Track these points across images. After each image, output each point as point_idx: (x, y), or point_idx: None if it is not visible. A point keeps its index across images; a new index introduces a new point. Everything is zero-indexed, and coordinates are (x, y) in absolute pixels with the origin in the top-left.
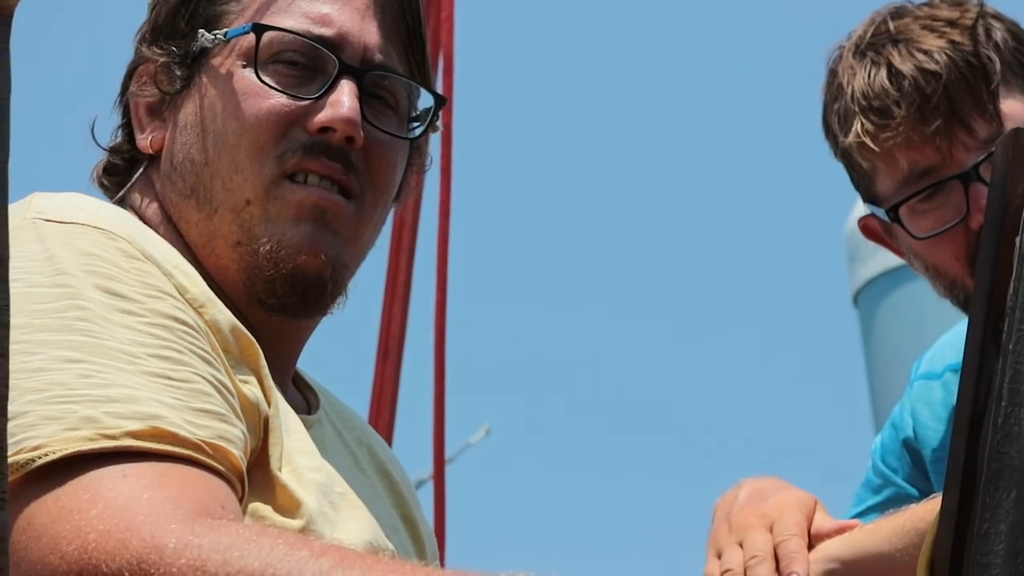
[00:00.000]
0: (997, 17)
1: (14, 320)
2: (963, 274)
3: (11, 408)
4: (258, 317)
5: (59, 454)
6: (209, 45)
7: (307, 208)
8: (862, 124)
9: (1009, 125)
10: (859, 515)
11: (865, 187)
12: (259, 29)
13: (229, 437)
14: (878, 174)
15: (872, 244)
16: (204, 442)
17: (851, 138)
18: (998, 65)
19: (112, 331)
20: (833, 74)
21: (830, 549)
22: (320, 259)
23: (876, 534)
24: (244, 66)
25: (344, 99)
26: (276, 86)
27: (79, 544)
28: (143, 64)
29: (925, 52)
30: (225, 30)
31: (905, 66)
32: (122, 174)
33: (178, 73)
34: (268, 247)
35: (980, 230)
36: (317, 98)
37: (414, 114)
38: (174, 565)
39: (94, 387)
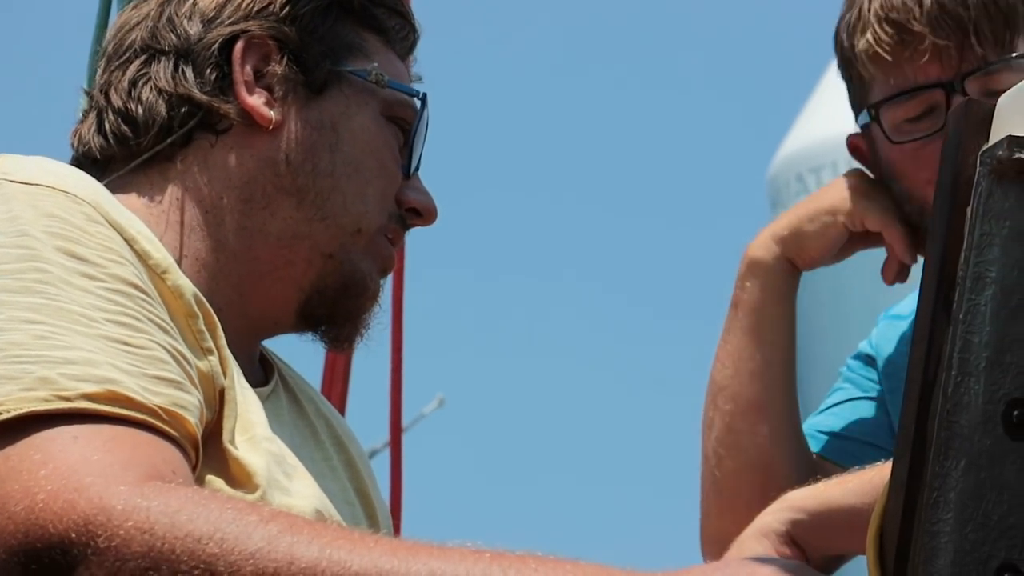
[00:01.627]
0: None
1: None
2: (931, 198)
3: None
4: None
5: (13, 413)
6: (365, 77)
7: (387, 267)
8: (875, 33)
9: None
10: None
11: (860, 96)
12: (424, 102)
13: (184, 404)
14: (876, 83)
15: (795, 190)
16: (159, 407)
17: (862, 44)
18: (1020, 5)
19: (71, 294)
20: None
21: (796, 499)
22: (373, 310)
23: (843, 487)
24: (384, 116)
25: (426, 189)
26: (413, 160)
27: (27, 504)
28: (261, 34)
29: None
30: (386, 77)
31: None
32: (169, 130)
33: (319, 71)
34: (354, 277)
35: None
36: (409, 175)
37: None
38: (121, 527)
39: (52, 348)
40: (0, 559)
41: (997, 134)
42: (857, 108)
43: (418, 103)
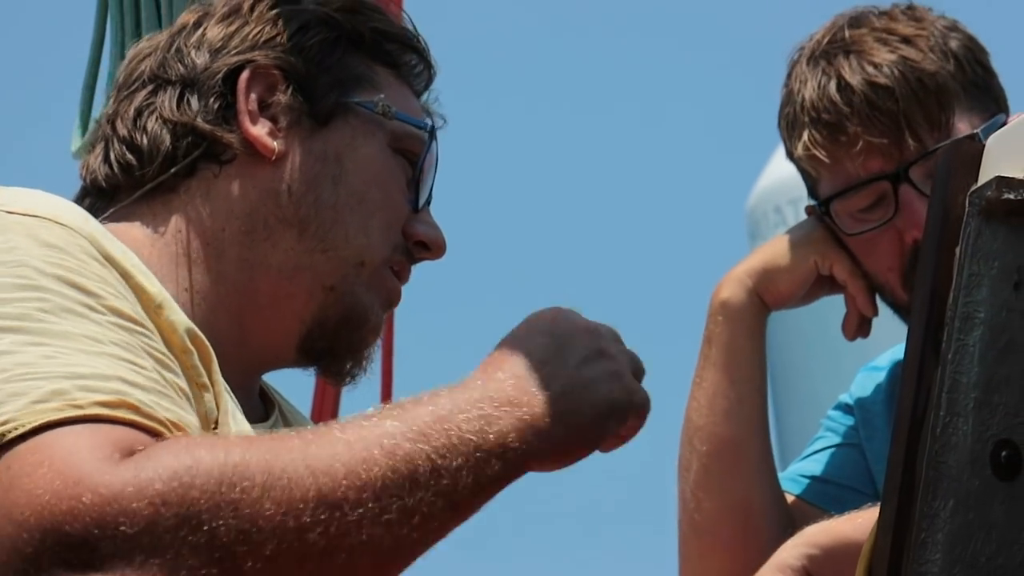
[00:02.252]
0: (955, 30)
1: None
2: (894, 283)
3: None
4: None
5: (28, 426)
6: (372, 109)
7: (392, 300)
8: (811, 135)
9: None
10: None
11: (809, 185)
12: (432, 133)
13: (190, 424)
14: (822, 179)
15: (773, 221)
16: (168, 420)
17: (800, 149)
18: (952, 82)
19: (74, 322)
20: (788, 77)
21: (811, 535)
22: (374, 344)
23: (854, 523)
24: (392, 148)
25: (435, 223)
26: (420, 194)
27: (34, 509)
28: (267, 63)
29: (876, 66)
30: (394, 109)
31: (855, 79)
32: (173, 160)
33: (324, 103)
34: (356, 310)
35: (915, 244)
36: (418, 209)
37: None
38: (139, 508)
39: (60, 366)
40: (20, 570)
41: (986, 174)
42: (809, 193)
43: (426, 136)
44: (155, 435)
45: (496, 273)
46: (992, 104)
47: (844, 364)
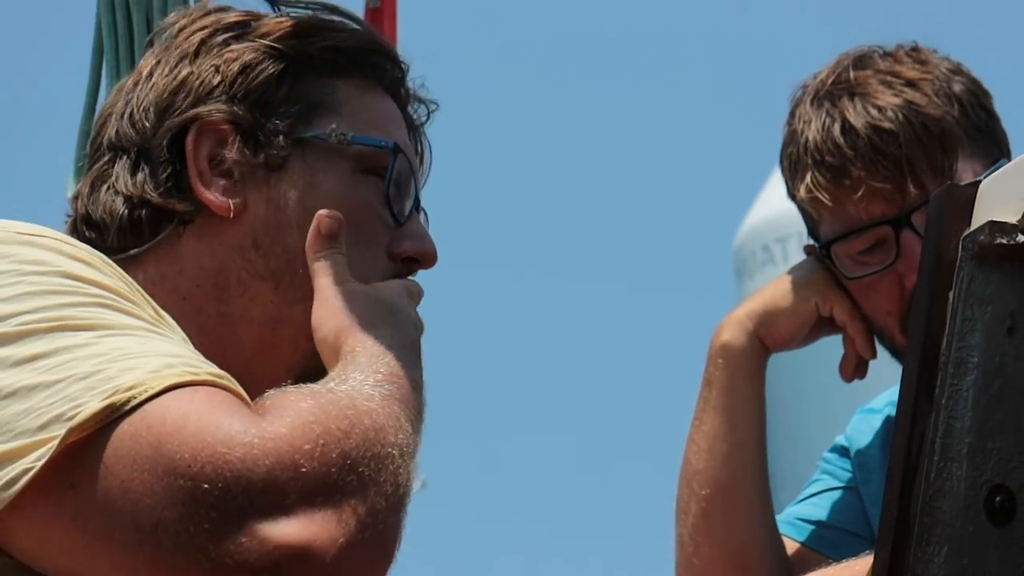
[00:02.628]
0: (959, 73)
1: (36, 316)
2: (893, 327)
3: (80, 370)
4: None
5: (157, 388)
6: (326, 139)
7: None
8: (814, 177)
9: None
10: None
11: (810, 226)
12: (396, 151)
13: None
14: (823, 221)
15: (760, 259)
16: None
17: (802, 191)
18: (956, 127)
19: (134, 321)
20: (792, 116)
21: None
22: None
23: (852, 570)
24: (355, 171)
25: (423, 231)
26: (396, 213)
27: (208, 459)
28: (212, 119)
29: (880, 109)
30: (350, 134)
31: (859, 122)
32: (133, 226)
33: (276, 147)
34: None
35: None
36: (402, 224)
37: None
38: (310, 447)
39: (155, 349)
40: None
41: (979, 219)
42: (809, 233)
43: (390, 152)
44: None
45: (480, 314)
46: (995, 149)
47: (836, 401)
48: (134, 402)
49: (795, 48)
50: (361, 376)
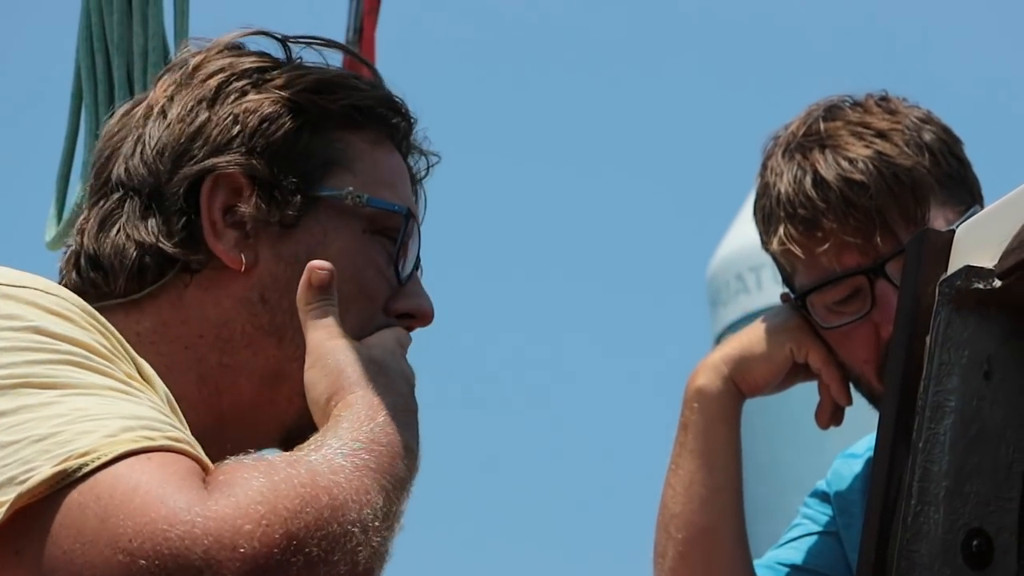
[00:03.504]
0: (929, 122)
1: (2, 372)
2: (870, 375)
3: (37, 431)
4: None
5: (110, 455)
6: (342, 199)
7: None
8: (787, 230)
9: None
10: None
11: (784, 276)
12: (409, 215)
13: None
14: (797, 272)
15: (734, 288)
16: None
17: (775, 243)
18: (928, 176)
19: (105, 379)
20: (763, 168)
21: None
22: None
23: None
24: (366, 231)
25: (422, 290)
26: (400, 273)
27: (147, 537)
28: (230, 171)
29: (851, 161)
30: (365, 196)
31: (830, 174)
32: (140, 272)
33: (292, 204)
34: None
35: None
36: (403, 284)
37: None
38: (250, 528)
39: (117, 410)
40: None
41: (956, 263)
42: (784, 283)
43: (402, 217)
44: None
45: (450, 352)
46: (967, 196)
47: (808, 439)
48: (86, 469)
49: (771, 78)
50: (338, 444)
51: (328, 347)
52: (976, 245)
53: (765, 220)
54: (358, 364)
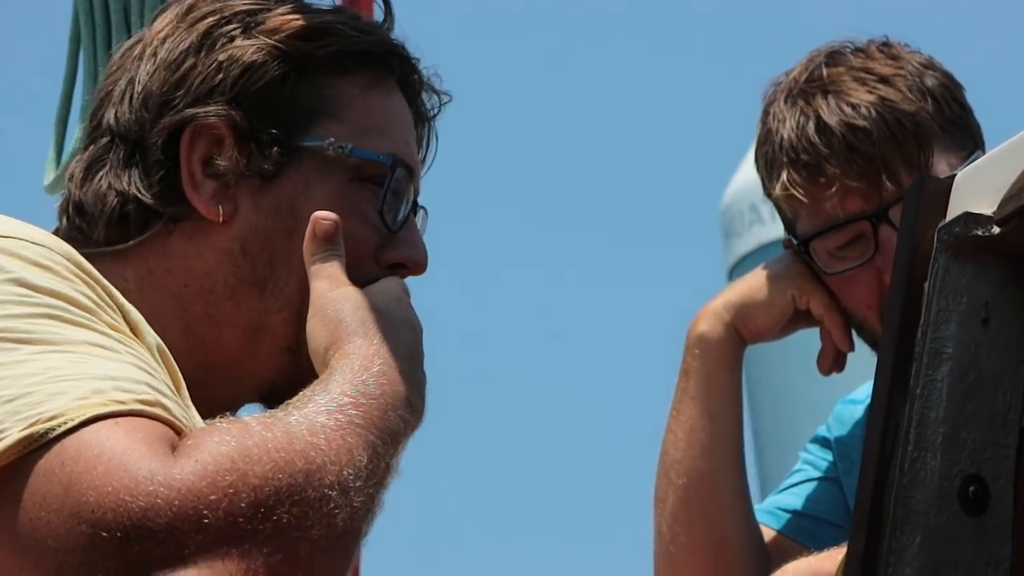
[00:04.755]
0: (932, 68)
1: None
2: (873, 321)
3: (9, 391)
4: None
5: (77, 420)
6: (324, 149)
7: None
8: (789, 176)
9: None
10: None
11: (787, 223)
12: (395, 164)
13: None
14: (800, 218)
15: (747, 219)
16: (185, 426)
17: (778, 189)
18: (930, 122)
19: (84, 333)
20: (765, 114)
21: (791, 571)
22: None
23: (834, 560)
24: (352, 180)
25: (418, 239)
26: (388, 220)
27: (110, 507)
28: (209, 121)
29: (853, 106)
30: (348, 146)
31: (832, 119)
32: (122, 220)
33: (272, 156)
34: (310, 372)
35: None
36: (394, 232)
37: None
38: (215, 497)
39: (91, 369)
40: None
41: (954, 210)
42: (786, 229)
43: (388, 167)
44: (181, 435)
45: (468, 282)
46: (969, 141)
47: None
48: (52, 435)
49: (782, 13)
50: (324, 400)
51: (329, 297)
52: (975, 192)
53: (768, 166)
54: (358, 313)
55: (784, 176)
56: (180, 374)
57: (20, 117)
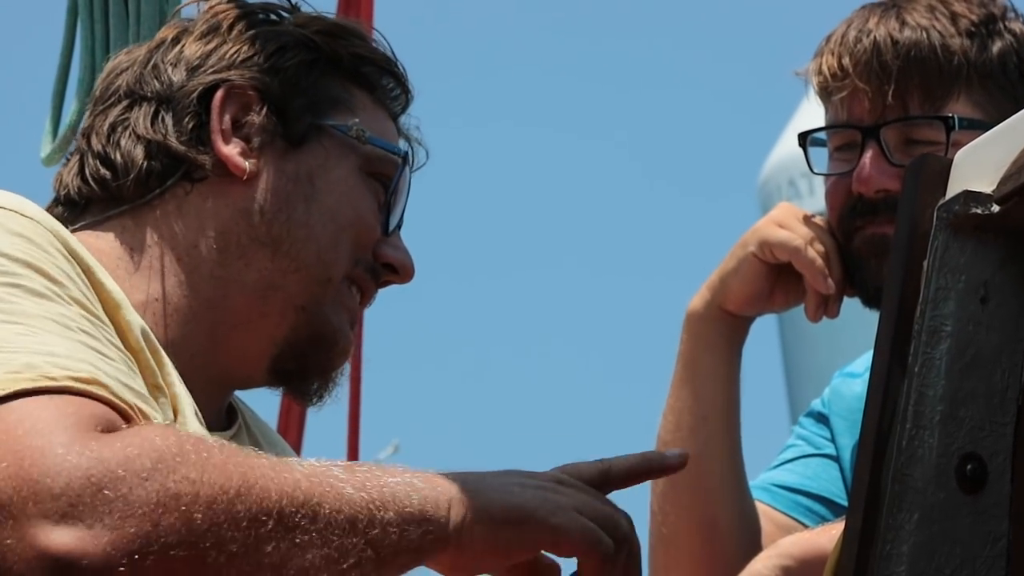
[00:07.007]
0: (1011, 32)
1: None
2: (835, 225)
3: None
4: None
5: (4, 391)
6: (346, 132)
7: (353, 319)
8: (817, 63)
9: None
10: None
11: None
12: (405, 160)
13: (154, 418)
14: (826, 113)
15: (785, 194)
16: (137, 407)
17: (812, 72)
18: (970, 70)
19: (45, 305)
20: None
21: (786, 546)
22: (342, 365)
23: (829, 534)
24: (365, 172)
25: (405, 247)
26: (386, 221)
27: (14, 460)
28: (243, 84)
29: (903, 24)
30: (368, 133)
31: (880, 30)
32: (148, 175)
33: (298, 126)
34: (324, 330)
35: (859, 196)
36: (388, 233)
37: None
38: (124, 474)
39: (33, 343)
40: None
41: (954, 188)
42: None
43: (399, 160)
44: (125, 418)
45: (510, 241)
46: (1011, 108)
47: (849, 344)
48: None
49: None
50: (315, 460)
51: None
52: (975, 170)
53: (816, 54)
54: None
55: (815, 62)
56: (163, 355)
57: (20, 91)
